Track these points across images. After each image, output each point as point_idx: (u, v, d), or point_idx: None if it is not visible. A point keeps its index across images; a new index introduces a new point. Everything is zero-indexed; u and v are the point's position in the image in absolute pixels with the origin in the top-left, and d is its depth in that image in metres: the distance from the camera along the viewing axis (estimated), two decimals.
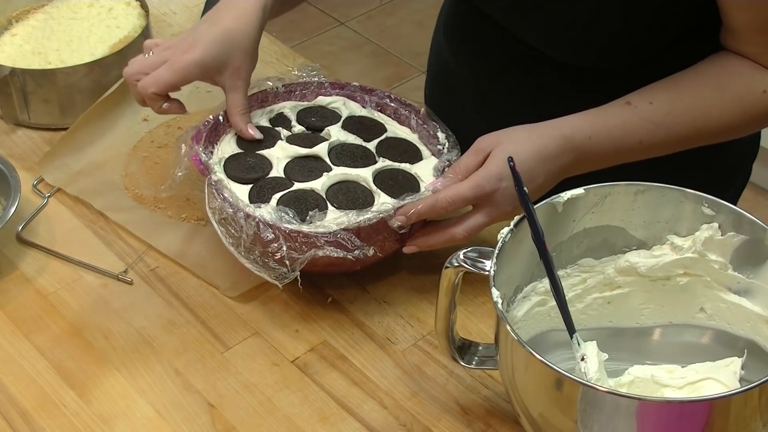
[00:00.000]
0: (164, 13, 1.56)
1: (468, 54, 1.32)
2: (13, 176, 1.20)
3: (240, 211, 1.06)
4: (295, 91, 1.23)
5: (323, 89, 1.24)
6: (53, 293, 1.15)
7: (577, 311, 1.01)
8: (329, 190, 1.11)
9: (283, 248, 1.04)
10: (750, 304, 0.97)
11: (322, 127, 1.20)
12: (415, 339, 1.09)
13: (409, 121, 1.21)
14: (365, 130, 1.20)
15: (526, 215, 0.93)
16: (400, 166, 1.14)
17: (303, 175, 1.13)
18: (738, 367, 0.95)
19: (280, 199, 1.09)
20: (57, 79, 1.33)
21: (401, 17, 1.27)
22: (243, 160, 1.15)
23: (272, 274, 1.06)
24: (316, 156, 1.15)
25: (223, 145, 1.17)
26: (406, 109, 1.22)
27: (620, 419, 0.86)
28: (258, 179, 1.12)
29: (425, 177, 1.13)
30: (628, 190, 0.99)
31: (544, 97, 1.24)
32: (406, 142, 1.19)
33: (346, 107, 1.23)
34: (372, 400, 1.04)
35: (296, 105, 1.23)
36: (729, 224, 0.96)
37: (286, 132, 1.19)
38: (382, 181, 1.12)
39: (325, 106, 1.23)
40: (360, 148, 1.17)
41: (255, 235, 1.05)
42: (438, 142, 1.17)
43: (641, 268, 1.00)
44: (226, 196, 1.07)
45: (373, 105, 1.23)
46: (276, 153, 1.15)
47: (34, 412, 1.03)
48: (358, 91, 1.24)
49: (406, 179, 1.13)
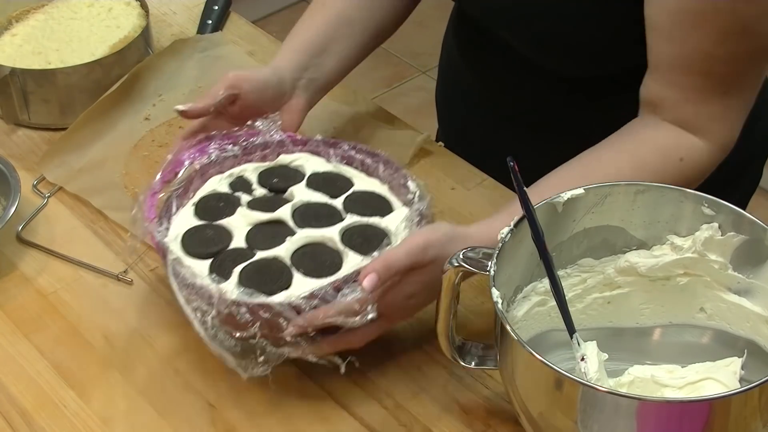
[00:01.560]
0: (164, 13, 1.56)
1: (474, 57, 1.33)
2: (13, 176, 1.20)
3: (201, 289, 0.98)
4: (255, 152, 1.16)
5: (284, 147, 1.17)
6: (53, 293, 1.15)
7: (577, 311, 1.01)
8: (294, 256, 1.04)
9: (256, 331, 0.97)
10: (750, 304, 0.97)
11: (285, 188, 1.12)
12: (415, 339, 1.09)
13: (378, 172, 1.14)
14: (331, 186, 1.13)
15: (526, 215, 0.93)
16: (368, 221, 1.08)
17: (265, 243, 1.05)
18: (738, 367, 0.95)
19: (242, 272, 1.02)
20: (57, 79, 1.33)
21: None
22: (202, 233, 1.07)
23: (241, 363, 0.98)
24: (279, 220, 1.08)
25: (180, 218, 1.09)
26: (373, 160, 1.15)
27: (620, 419, 0.86)
28: (218, 252, 1.05)
29: (397, 231, 1.06)
30: (628, 190, 0.99)
31: (543, 104, 1.24)
32: (375, 195, 1.12)
33: (309, 164, 1.15)
34: (372, 400, 1.04)
35: (258, 166, 1.15)
36: (729, 224, 0.96)
37: (246, 197, 1.12)
38: (350, 239, 1.05)
39: (288, 164, 1.16)
40: (325, 206, 1.10)
41: (225, 316, 0.97)
42: (409, 191, 1.10)
43: (641, 268, 1.00)
44: (184, 276, 1.00)
45: (338, 159, 1.16)
46: (236, 222, 1.08)
47: (34, 412, 1.03)
48: (321, 145, 1.17)
49: (376, 234, 1.06)
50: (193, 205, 1.11)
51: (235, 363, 0.98)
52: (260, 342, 0.97)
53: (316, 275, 1.01)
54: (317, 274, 1.01)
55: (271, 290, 0.99)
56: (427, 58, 3.06)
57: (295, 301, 0.97)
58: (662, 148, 1.06)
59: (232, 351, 0.98)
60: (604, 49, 1.10)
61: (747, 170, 1.35)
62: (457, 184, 1.28)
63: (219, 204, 1.10)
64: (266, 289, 0.99)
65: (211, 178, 1.13)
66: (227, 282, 1.00)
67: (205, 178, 1.13)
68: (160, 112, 1.38)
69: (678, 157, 1.05)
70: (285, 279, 1.01)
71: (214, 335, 0.98)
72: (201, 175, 1.13)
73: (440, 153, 1.33)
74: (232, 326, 0.98)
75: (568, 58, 1.17)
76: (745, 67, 1.04)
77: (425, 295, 1.01)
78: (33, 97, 1.34)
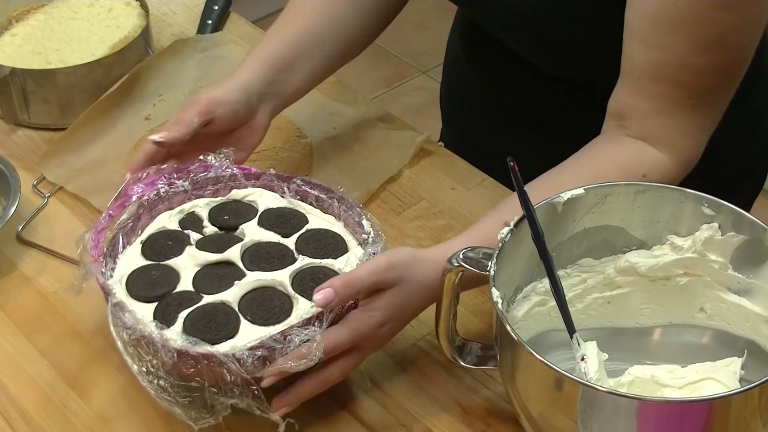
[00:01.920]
0: (164, 13, 1.56)
1: (476, 57, 1.33)
2: (13, 176, 1.21)
3: (144, 338, 0.94)
4: (206, 187, 1.11)
5: (237, 181, 1.12)
6: (53, 293, 1.15)
7: (577, 311, 1.01)
8: (242, 301, 0.99)
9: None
10: (750, 304, 0.97)
11: (236, 225, 1.08)
12: (415, 339, 1.09)
13: (332, 209, 1.10)
14: (284, 223, 1.08)
15: (526, 215, 0.93)
16: (321, 263, 1.03)
17: (213, 286, 1.01)
18: (738, 367, 0.95)
19: (188, 317, 0.98)
20: (57, 79, 1.34)
21: (401, 17, 1.27)
22: (147, 274, 1.03)
23: (188, 414, 0.94)
24: (228, 261, 1.04)
25: (127, 257, 1.05)
26: (327, 195, 1.10)
27: (620, 419, 0.86)
28: (164, 296, 1.00)
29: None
30: (628, 190, 0.99)
31: (544, 104, 1.25)
32: (329, 234, 1.07)
33: (263, 200, 1.11)
34: (372, 400, 1.04)
35: (209, 201, 1.11)
36: (729, 224, 0.96)
37: (196, 235, 1.07)
38: (301, 283, 1.01)
39: (240, 200, 1.11)
40: (277, 246, 1.05)
41: (169, 365, 0.94)
42: (363, 230, 1.06)
43: (641, 268, 1.00)
44: (126, 321, 0.96)
45: (292, 194, 1.12)
46: (184, 262, 1.03)
47: (34, 412, 1.03)
48: (275, 179, 1.12)
49: (328, 278, 0.99)
50: (140, 243, 1.07)
51: (185, 416, 0.94)
52: (208, 391, 0.94)
53: (264, 323, 0.97)
54: (264, 321, 0.98)
55: (216, 338, 0.96)
56: (428, 58, 3.07)
57: (239, 353, 0.93)
58: (624, 165, 1.05)
59: (180, 401, 0.94)
60: (602, 51, 1.10)
61: (751, 172, 1.35)
62: (457, 184, 1.28)
63: (167, 242, 1.06)
64: (211, 336, 0.96)
65: (160, 214, 1.09)
66: (171, 329, 0.96)
67: (153, 214, 1.09)
68: (160, 111, 1.38)
69: (640, 173, 1.05)
70: (231, 327, 0.97)
71: (160, 386, 0.94)
72: (149, 211, 1.09)
73: (440, 153, 1.33)
74: (177, 375, 0.95)
75: (567, 61, 1.17)
76: (716, 80, 1.05)
77: (397, 321, 1.00)
78: (33, 97, 1.34)
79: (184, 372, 0.94)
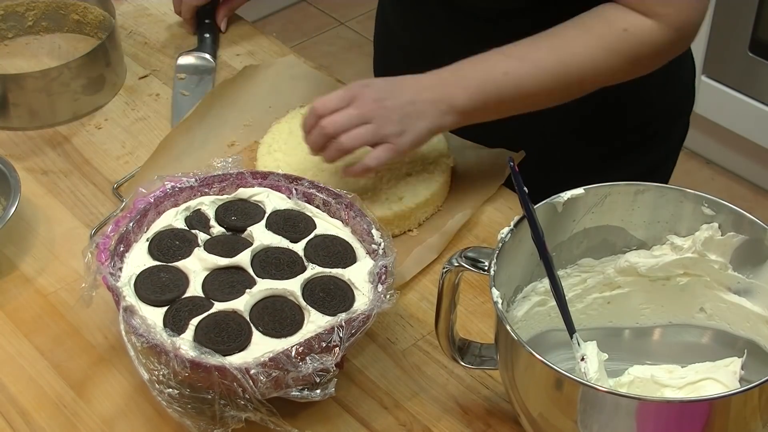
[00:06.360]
0: (164, 13, 1.56)
1: (409, 15, 1.36)
2: (13, 176, 1.20)
3: (155, 346, 0.94)
4: (213, 184, 1.11)
5: (243, 180, 1.12)
6: (53, 293, 1.15)
7: (577, 311, 1.01)
8: (253, 310, 0.99)
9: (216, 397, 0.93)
10: (750, 304, 0.97)
11: (243, 227, 1.07)
12: (415, 339, 1.09)
13: (340, 213, 1.09)
14: (292, 227, 1.08)
15: (526, 215, 0.93)
16: (331, 273, 1.03)
17: (223, 293, 1.01)
18: (738, 367, 0.95)
19: (199, 325, 0.97)
20: (26, 84, 1.32)
21: None
22: (156, 276, 1.02)
23: (198, 425, 0.95)
24: (237, 266, 1.03)
25: (134, 255, 1.04)
26: (335, 200, 1.10)
27: (620, 419, 0.86)
28: (173, 300, 1.00)
29: (360, 284, 1.02)
30: (628, 190, 0.99)
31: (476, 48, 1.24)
32: (338, 240, 1.07)
33: (269, 200, 1.10)
34: (372, 400, 1.04)
35: (215, 199, 1.10)
36: (729, 224, 0.96)
37: (203, 235, 1.07)
38: (312, 294, 1.01)
39: (247, 199, 1.11)
40: (286, 252, 1.05)
41: (181, 375, 0.94)
42: (373, 240, 1.06)
43: (641, 268, 1.00)
44: (138, 328, 0.95)
45: (299, 195, 1.11)
46: (192, 265, 1.03)
47: (34, 412, 1.03)
48: (282, 180, 1.12)
49: (339, 288, 1.01)
50: (147, 240, 1.06)
51: (195, 427, 0.95)
52: (218, 403, 0.94)
53: (276, 334, 0.98)
54: (276, 333, 0.98)
55: (228, 349, 0.96)
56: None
57: (251, 368, 0.93)
58: (607, 17, 1.13)
59: (189, 412, 0.95)
60: None
61: (674, 119, 1.39)
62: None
63: (174, 242, 1.06)
64: (223, 347, 0.96)
65: (166, 211, 1.09)
66: (182, 336, 0.96)
67: (160, 210, 1.08)
68: (243, 137, 1.32)
69: (622, 27, 1.11)
70: (244, 338, 0.97)
71: (170, 395, 0.94)
72: (155, 207, 1.08)
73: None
74: (187, 385, 0.95)
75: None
76: None
77: (393, 94, 1.11)
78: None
79: (196, 383, 0.94)
